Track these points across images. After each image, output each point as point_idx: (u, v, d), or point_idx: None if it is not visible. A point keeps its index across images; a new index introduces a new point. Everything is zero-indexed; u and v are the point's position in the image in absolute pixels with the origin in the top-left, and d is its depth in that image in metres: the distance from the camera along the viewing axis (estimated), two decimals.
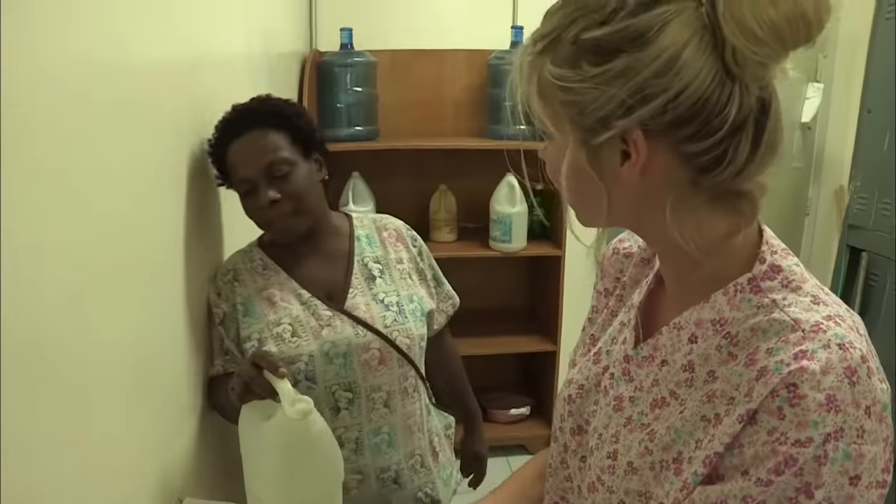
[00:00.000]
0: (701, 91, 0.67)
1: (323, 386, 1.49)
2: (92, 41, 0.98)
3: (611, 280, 1.00)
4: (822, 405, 0.65)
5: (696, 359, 0.78)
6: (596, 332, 0.98)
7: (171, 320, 1.37)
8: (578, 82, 0.71)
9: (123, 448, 1.13)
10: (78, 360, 0.95)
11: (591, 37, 0.70)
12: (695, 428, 0.75)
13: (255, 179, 1.47)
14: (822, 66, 3.78)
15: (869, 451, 0.66)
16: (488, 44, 3.23)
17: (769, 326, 0.72)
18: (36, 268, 0.84)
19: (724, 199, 0.75)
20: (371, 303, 1.55)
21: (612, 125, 0.70)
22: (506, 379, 3.66)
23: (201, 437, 1.49)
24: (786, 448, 0.66)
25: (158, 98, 1.26)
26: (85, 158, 0.97)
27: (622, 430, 0.83)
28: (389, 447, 1.55)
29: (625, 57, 0.68)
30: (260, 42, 2.23)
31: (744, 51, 0.66)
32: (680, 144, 0.70)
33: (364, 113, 3.08)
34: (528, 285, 3.68)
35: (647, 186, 0.74)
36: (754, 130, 0.70)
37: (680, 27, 0.67)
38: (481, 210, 3.23)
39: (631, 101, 0.69)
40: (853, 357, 0.67)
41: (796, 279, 0.76)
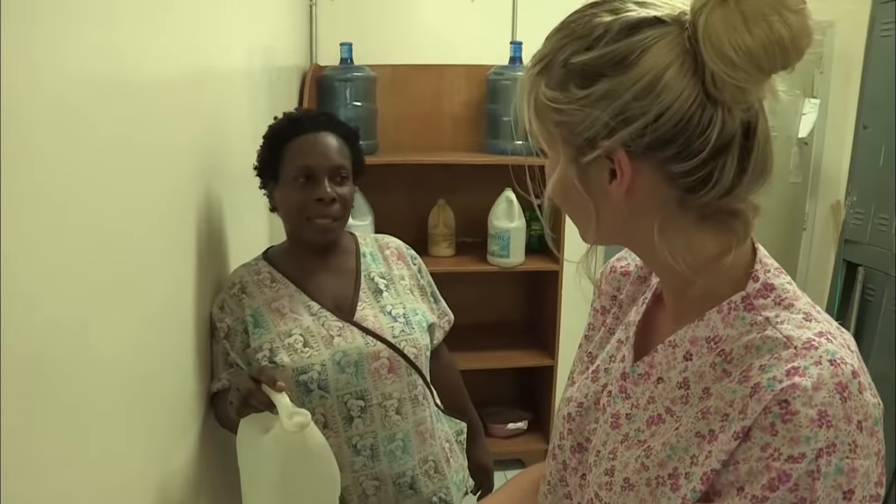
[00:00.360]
0: (682, 113, 0.70)
1: (335, 395, 1.51)
2: (93, 57, 0.99)
3: (608, 298, 1.01)
4: (814, 421, 0.66)
5: (691, 376, 0.79)
6: (593, 349, 0.99)
7: (172, 336, 1.37)
8: (567, 104, 0.74)
9: (123, 463, 1.13)
10: (78, 375, 0.96)
11: (578, 61, 0.73)
12: (689, 444, 0.76)
13: (319, 172, 1.54)
14: (819, 81, 3.81)
15: (861, 466, 0.67)
16: (487, 59, 3.26)
17: (762, 343, 0.73)
18: (36, 283, 0.85)
19: (716, 219, 0.76)
20: (379, 314, 1.59)
21: (598, 145, 0.73)
22: (503, 393, 3.66)
23: (200, 452, 1.49)
24: (779, 464, 0.67)
25: (160, 114, 1.27)
26: (87, 175, 0.97)
27: (619, 447, 0.84)
28: (404, 453, 1.57)
29: (607, 81, 0.71)
30: (261, 56, 2.25)
31: (721, 75, 0.68)
32: (664, 165, 0.73)
33: (363, 127, 3.06)
34: (526, 300, 3.69)
35: (635, 205, 0.76)
36: (740, 152, 0.72)
37: (662, 51, 0.70)
38: (479, 225, 3.24)
39: (613, 122, 0.71)
40: (844, 373, 0.68)
41: (789, 297, 0.77)
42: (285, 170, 1.56)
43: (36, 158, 0.83)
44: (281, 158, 1.56)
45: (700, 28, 0.68)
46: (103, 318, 1.04)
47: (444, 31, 3.42)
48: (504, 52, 3.20)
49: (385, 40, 3.38)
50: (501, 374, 3.56)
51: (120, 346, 1.10)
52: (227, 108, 1.81)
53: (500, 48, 3.22)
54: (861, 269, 2.92)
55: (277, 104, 2.50)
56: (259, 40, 2.24)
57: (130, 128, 1.13)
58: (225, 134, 1.76)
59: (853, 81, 3.17)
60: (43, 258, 0.86)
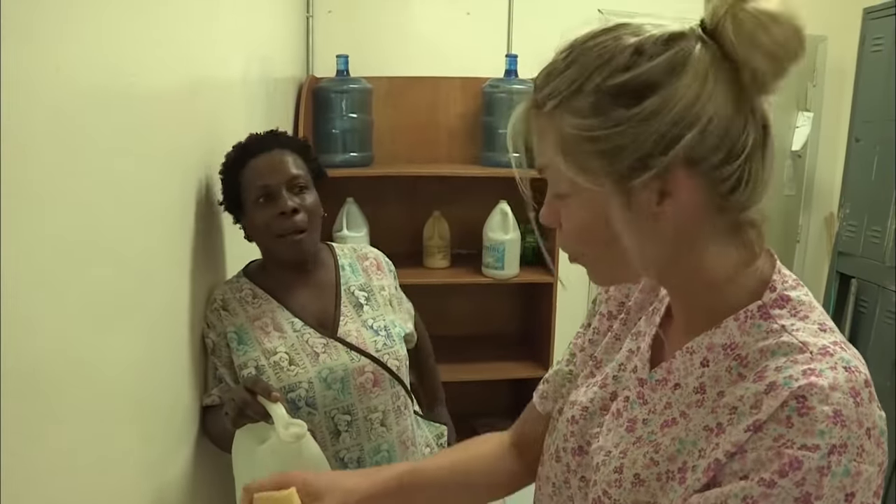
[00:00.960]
0: (726, 118, 0.72)
1: (323, 411, 1.52)
2: (90, 68, 0.99)
3: (615, 304, 1.01)
4: (830, 417, 0.67)
5: (708, 381, 0.80)
6: (599, 353, 1.00)
7: (168, 347, 1.37)
8: (611, 128, 0.73)
9: (118, 473, 1.13)
10: (75, 386, 0.96)
11: (617, 82, 0.73)
12: (698, 437, 0.77)
13: (276, 188, 1.54)
14: (812, 95, 3.84)
15: (866, 471, 0.68)
16: (483, 71, 3.27)
17: (778, 348, 0.75)
18: (32, 295, 0.85)
19: (739, 230, 0.79)
20: (361, 329, 1.60)
21: (651, 164, 0.73)
22: (497, 405, 3.65)
23: (195, 462, 1.49)
24: (792, 451, 0.68)
25: (157, 125, 1.28)
26: (84, 186, 0.98)
27: (631, 447, 0.85)
28: (389, 463, 1.58)
29: (658, 94, 0.72)
30: (257, 68, 2.26)
31: (765, 70, 0.71)
32: (712, 171, 0.74)
33: (359, 139, 3.10)
34: (521, 312, 3.69)
35: (682, 221, 0.76)
36: (762, 151, 0.75)
37: (699, 59, 0.72)
38: (474, 236, 3.25)
39: (670, 134, 0.72)
40: (858, 380, 0.70)
41: (804, 309, 0.78)
42: (245, 196, 1.56)
43: (33, 170, 0.84)
44: (239, 187, 1.57)
45: (730, 32, 0.71)
46: (100, 329, 1.04)
47: (440, 43, 3.44)
48: (499, 64, 3.21)
49: (381, 52, 3.40)
50: (496, 386, 3.56)
51: (116, 357, 1.11)
52: (224, 119, 1.82)
53: (496, 61, 3.24)
54: (854, 280, 2.94)
55: (274, 115, 2.51)
56: (256, 51, 2.25)
57: (127, 139, 1.13)
58: (221, 145, 1.76)
59: (845, 95, 3.20)
60: (39, 269, 0.86)
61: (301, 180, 1.57)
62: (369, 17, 3.39)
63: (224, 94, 1.83)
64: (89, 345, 1.00)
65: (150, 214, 1.26)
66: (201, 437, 1.54)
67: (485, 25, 3.45)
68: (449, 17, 3.45)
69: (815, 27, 3.66)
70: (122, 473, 1.15)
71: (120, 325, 1.12)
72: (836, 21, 3.59)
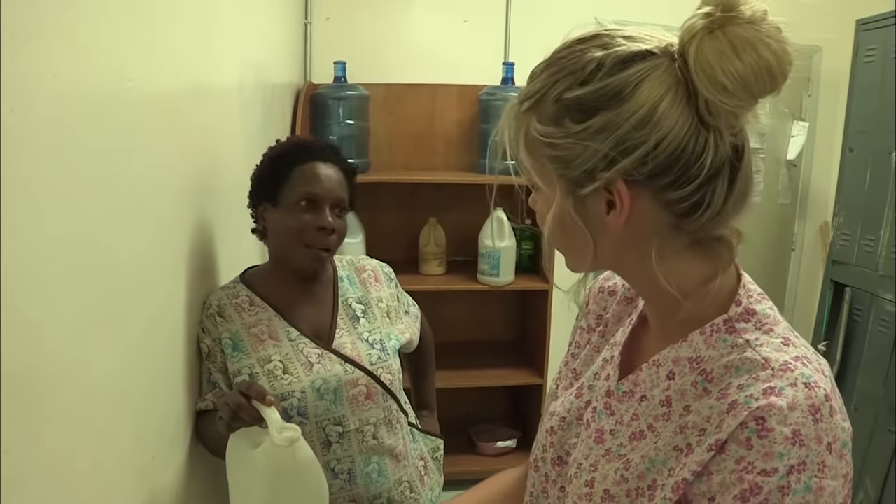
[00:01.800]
0: (678, 141, 0.72)
1: (314, 421, 1.52)
2: (86, 74, 1.00)
3: (594, 317, 1.03)
4: (788, 438, 0.68)
5: (674, 394, 0.81)
6: (578, 366, 1.01)
7: (162, 351, 1.37)
8: (563, 138, 0.75)
9: (112, 478, 1.13)
10: (68, 390, 0.96)
11: (573, 96, 0.75)
12: (668, 457, 0.78)
13: (323, 201, 1.55)
14: (807, 104, 3.86)
15: (829, 486, 0.70)
16: (480, 79, 3.28)
17: (741, 364, 0.76)
18: (29, 299, 0.85)
19: (704, 245, 0.79)
20: (357, 342, 1.61)
21: (597, 177, 0.75)
22: (493, 412, 3.66)
23: (189, 466, 1.49)
24: (752, 476, 0.69)
25: (153, 130, 1.28)
26: (79, 191, 0.98)
27: (601, 460, 0.86)
28: (380, 476, 1.58)
29: (604, 114, 0.73)
30: (255, 74, 2.26)
31: (715, 102, 0.71)
32: (661, 192, 0.75)
33: (356, 146, 3.11)
34: (516, 319, 3.70)
35: (632, 233, 0.78)
36: (730, 174, 0.75)
37: (655, 83, 0.72)
38: (470, 244, 3.26)
39: (613, 153, 0.73)
40: (818, 396, 0.71)
41: (769, 322, 0.79)
42: (288, 193, 1.55)
43: (30, 174, 0.84)
44: (285, 181, 1.56)
45: (691, 58, 0.71)
46: (94, 333, 1.04)
47: (438, 50, 3.45)
48: (496, 72, 3.22)
49: (379, 59, 3.40)
50: (491, 393, 3.57)
51: (110, 361, 1.11)
52: (221, 125, 1.83)
53: (493, 68, 3.25)
54: (848, 289, 2.95)
55: (271, 122, 2.51)
56: (253, 58, 2.26)
57: (123, 144, 1.14)
58: (218, 150, 1.77)
59: (840, 104, 3.21)
60: (34, 273, 0.86)
61: (344, 204, 1.60)
62: (367, 24, 3.40)
63: (221, 100, 1.84)
64: (83, 349, 1.01)
65: (146, 219, 1.26)
66: (195, 441, 1.54)
67: (482, 33, 3.46)
68: (446, 25, 3.46)
69: (810, 38, 3.68)
70: (115, 478, 1.15)
71: (114, 329, 1.12)
72: (830, 31, 3.60)
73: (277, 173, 1.57)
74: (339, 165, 1.61)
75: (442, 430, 1.95)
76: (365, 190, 3.16)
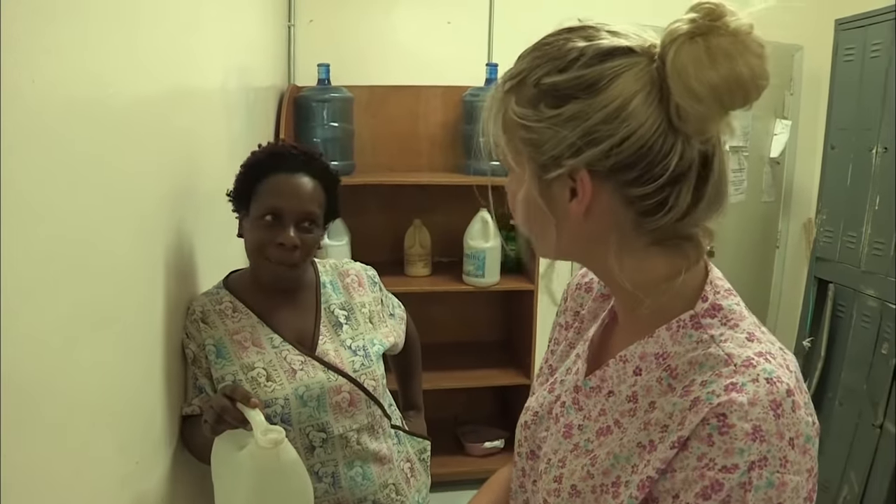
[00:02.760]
0: (644, 139, 0.73)
1: (298, 427, 1.52)
2: (67, 77, 1.00)
3: (571, 314, 1.04)
4: (749, 434, 0.69)
5: (640, 390, 0.82)
6: (554, 362, 1.03)
7: (143, 356, 1.37)
8: (536, 122, 0.77)
9: (94, 484, 1.13)
10: (51, 397, 0.96)
11: (550, 81, 0.76)
12: (631, 454, 0.79)
13: (287, 216, 1.52)
14: (789, 103, 3.88)
15: (791, 480, 0.70)
16: (463, 80, 3.29)
17: (705, 360, 0.77)
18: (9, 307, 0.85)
19: (669, 242, 0.80)
20: (340, 348, 1.60)
21: (562, 164, 0.76)
22: (480, 412, 3.66)
23: (174, 473, 1.49)
24: (713, 473, 0.70)
25: (135, 134, 1.27)
26: (60, 195, 0.98)
27: (569, 455, 0.87)
28: (365, 479, 1.58)
29: (576, 102, 0.74)
30: (238, 77, 2.26)
31: (685, 107, 0.72)
32: (624, 188, 0.76)
33: (340, 148, 3.11)
34: (502, 319, 3.71)
35: (593, 224, 0.79)
36: (696, 180, 0.76)
37: (631, 80, 0.74)
38: (455, 245, 3.26)
39: (579, 143, 0.74)
40: (779, 391, 0.71)
41: (735, 317, 0.80)
42: (255, 205, 1.54)
43: (8, 181, 0.83)
44: (254, 192, 1.55)
45: (668, 61, 0.72)
46: (75, 339, 1.04)
47: (421, 52, 3.45)
48: (480, 73, 3.23)
49: (362, 61, 3.40)
50: (478, 393, 3.57)
51: (91, 366, 1.11)
52: (204, 129, 1.82)
53: (476, 70, 3.26)
54: (832, 285, 2.97)
55: (254, 124, 2.51)
56: (237, 61, 2.25)
57: (104, 150, 1.13)
58: (201, 154, 1.77)
59: (822, 103, 3.24)
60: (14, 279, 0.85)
61: (313, 217, 1.55)
62: (350, 27, 3.40)
63: (204, 104, 1.83)
64: (64, 355, 1.00)
65: (127, 224, 1.26)
66: (180, 446, 1.54)
67: (465, 35, 3.47)
68: (430, 27, 3.47)
69: (791, 37, 3.72)
70: (98, 484, 1.15)
71: (95, 334, 1.12)
72: (811, 31, 3.62)
73: (248, 183, 1.56)
74: (313, 175, 1.58)
75: (429, 431, 1.95)
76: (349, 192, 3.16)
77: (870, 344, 2.71)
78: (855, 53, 2.86)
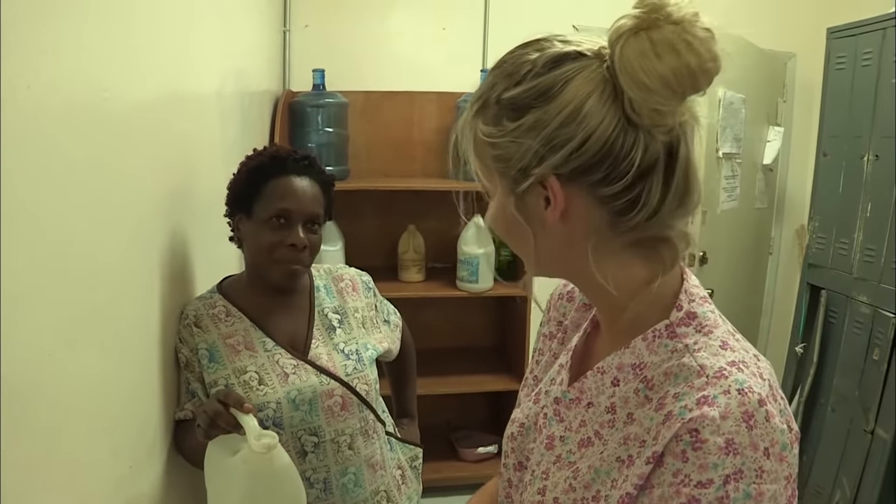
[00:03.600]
0: (605, 138, 0.74)
1: (290, 431, 1.52)
2: (64, 81, 1.00)
3: (555, 324, 1.05)
4: (722, 448, 0.69)
5: (618, 401, 0.82)
6: (539, 373, 1.03)
7: (138, 360, 1.37)
8: (501, 137, 0.78)
9: (88, 488, 1.13)
10: (45, 401, 0.96)
11: (508, 96, 0.78)
12: (611, 468, 0.79)
13: (296, 218, 1.54)
14: (782, 110, 3.90)
15: (769, 490, 0.70)
16: (458, 86, 3.30)
17: (679, 371, 0.77)
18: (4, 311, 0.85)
19: (646, 245, 0.81)
20: (332, 352, 1.60)
21: (530, 174, 0.77)
22: (474, 417, 3.66)
23: (167, 477, 1.49)
24: (688, 490, 0.70)
25: (131, 138, 1.28)
26: (56, 199, 0.98)
27: (552, 467, 0.87)
28: (357, 486, 1.58)
29: (534, 111, 0.76)
30: (233, 82, 2.26)
31: (637, 100, 0.73)
32: (594, 189, 0.77)
33: (335, 153, 3.11)
34: (495, 325, 3.71)
35: (570, 230, 0.80)
36: (664, 174, 0.77)
37: (582, 82, 0.75)
38: (449, 250, 3.27)
39: (543, 150, 0.76)
40: (751, 402, 0.71)
41: (709, 325, 0.81)
42: (261, 207, 1.54)
43: (4, 186, 0.84)
44: (258, 195, 1.55)
45: (616, 58, 0.73)
46: (70, 342, 1.04)
47: (416, 58, 3.46)
48: (474, 79, 3.23)
49: (357, 67, 3.41)
50: (471, 399, 3.57)
51: (85, 370, 1.11)
52: (199, 134, 1.83)
53: (471, 75, 3.27)
54: (824, 292, 2.98)
55: (249, 130, 2.51)
56: (232, 66, 2.26)
57: (100, 154, 1.13)
58: (196, 159, 1.77)
59: (814, 110, 3.26)
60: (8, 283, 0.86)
61: (319, 219, 1.59)
62: (346, 32, 3.41)
63: (199, 109, 1.84)
64: (59, 358, 1.00)
65: (122, 228, 1.26)
66: (173, 451, 1.54)
67: (460, 41, 3.48)
68: (425, 33, 3.48)
69: (784, 45, 3.74)
70: (91, 488, 1.15)
71: (90, 338, 1.12)
72: (804, 39, 3.66)
73: (251, 186, 1.56)
74: (314, 178, 1.59)
75: (422, 436, 1.96)
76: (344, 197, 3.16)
77: (862, 350, 2.73)
78: (846, 62, 2.88)
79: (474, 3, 3.49)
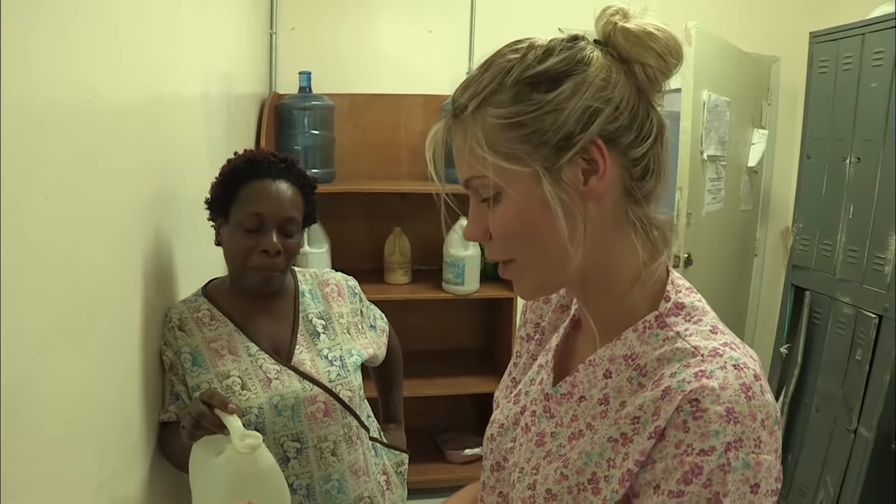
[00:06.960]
0: (632, 102, 0.80)
1: (272, 437, 1.51)
2: (49, 83, 1.00)
3: (532, 326, 1.06)
4: (723, 416, 0.71)
5: (611, 392, 0.84)
6: (517, 375, 1.04)
7: (122, 365, 1.37)
8: (533, 112, 0.78)
9: (71, 491, 1.13)
10: (28, 404, 0.95)
11: (536, 71, 0.79)
12: (603, 449, 0.80)
13: (269, 222, 1.52)
14: (767, 113, 3.93)
15: (765, 461, 0.72)
16: (444, 89, 3.30)
17: (673, 355, 0.79)
18: None
19: (643, 226, 0.83)
20: (316, 358, 1.60)
21: (574, 140, 0.78)
22: (460, 420, 3.67)
23: (151, 480, 1.48)
24: (691, 458, 0.72)
25: (115, 140, 1.27)
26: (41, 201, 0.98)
27: (542, 462, 0.87)
28: (340, 492, 1.58)
29: (574, 77, 0.78)
30: (219, 84, 2.26)
31: (653, 66, 0.80)
32: (626, 151, 0.80)
33: (321, 156, 3.12)
34: (482, 327, 3.72)
35: (606, 203, 0.81)
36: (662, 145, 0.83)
37: (599, 57, 0.80)
38: (435, 253, 3.28)
39: (586, 114, 0.78)
40: (747, 375, 0.74)
41: (697, 313, 0.83)
42: (235, 212, 1.54)
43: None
44: (233, 199, 1.54)
45: (620, 38, 0.80)
46: (53, 344, 1.04)
47: (402, 60, 3.47)
48: (460, 81, 3.23)
49: (344, 69, 3.42)
50: (458, 401, 3.58)
51: (68, 373, 1.10)
52: (184, 136, 1.82)
53: (457, 78, 3.19)
54: (808, 293, 3.00)
55: (235, 131, 2.51)
56: (218, 68, 2.25)
57: (84, 156, 1.13)
58: (181, 161, 1.77)
59: (798, 113, 3.28)
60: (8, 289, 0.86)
61: (294, 223, 1.57)
62: (332, 35, 3.41)
63: (184, 111, 1.83)
64: (42, 361, 1.00)
65: (106, 230, 1.26)
66: (157, 453, 1.54)
67: (446, 43, 3.49)
68: (411, 36, 3.49)
69: (768, 48, 3.77)
70: (74, 491, 1.14)
71: (73, 341, 1.12)
72: (787, 42, 3.70)
73: (228, 190, 1.55)
74: (292, 181, 1.58)
75: (409, 438, 1.95)
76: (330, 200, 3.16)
77: (845, 350, 2.75)
78: (828, 66, 2.90)
79: (460, 7, 3.50)
